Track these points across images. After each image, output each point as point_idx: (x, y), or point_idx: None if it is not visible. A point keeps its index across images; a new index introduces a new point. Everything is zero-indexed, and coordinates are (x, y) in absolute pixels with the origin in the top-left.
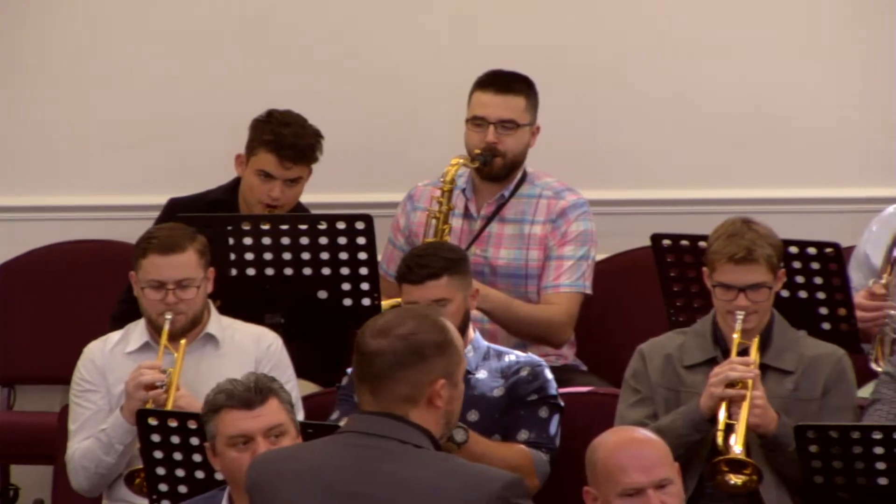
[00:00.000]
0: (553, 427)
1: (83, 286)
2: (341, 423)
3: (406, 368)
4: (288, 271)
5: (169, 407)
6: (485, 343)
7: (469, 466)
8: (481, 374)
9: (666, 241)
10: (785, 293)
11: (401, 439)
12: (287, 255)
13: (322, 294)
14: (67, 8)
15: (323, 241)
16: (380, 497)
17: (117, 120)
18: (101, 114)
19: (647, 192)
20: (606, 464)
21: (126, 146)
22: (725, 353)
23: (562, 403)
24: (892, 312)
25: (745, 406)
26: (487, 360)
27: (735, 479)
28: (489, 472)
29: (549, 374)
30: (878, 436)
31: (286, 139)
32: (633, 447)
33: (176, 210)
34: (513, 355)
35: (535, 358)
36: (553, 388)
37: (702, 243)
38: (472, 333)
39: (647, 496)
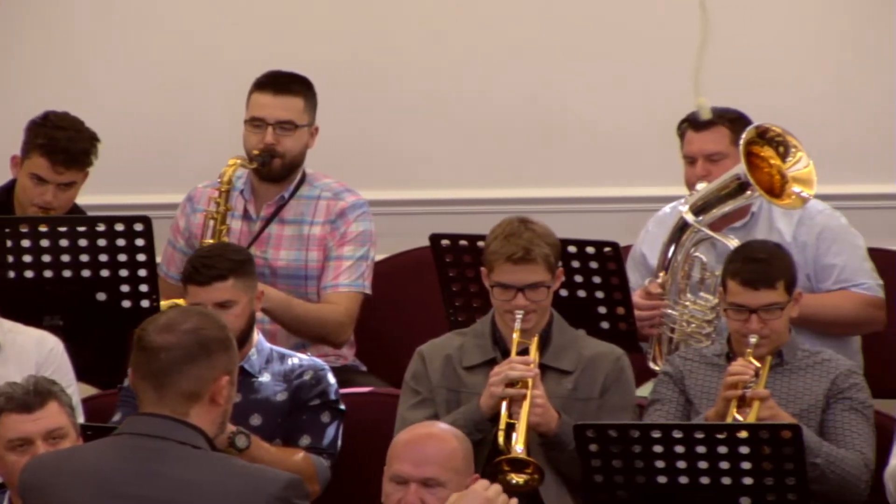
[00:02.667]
0: (334, 432)
1: None
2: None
3: (193, 363)
4: (66, 273)
5: None
6: (268, 345)
7: (249, 467)
8: (264, 378)
9: (444, 241)
10: (564, 292)
11: (179, 440)
12: (65, 257)
13: (101, 296)
14: None
15: (101, 242)
16: (159, 499)
17: None
18: None
19: (425, 193)
20: (392, 448)
21: None
22: (505, 354)
23: (343, 408)
24: (669, 311)
25: (525, 405)
26: (270, 363)
27: (516, 479)
28: (269, 473)
29: (331, 379)
30: (656, 434)
31: (59, 143)
32: (417, 440)
33: None
34: (296, 358)
35: (318, 361)
36: (335, 393)
37: (480, 243)
38: (256, 336)
39: (409, 488)
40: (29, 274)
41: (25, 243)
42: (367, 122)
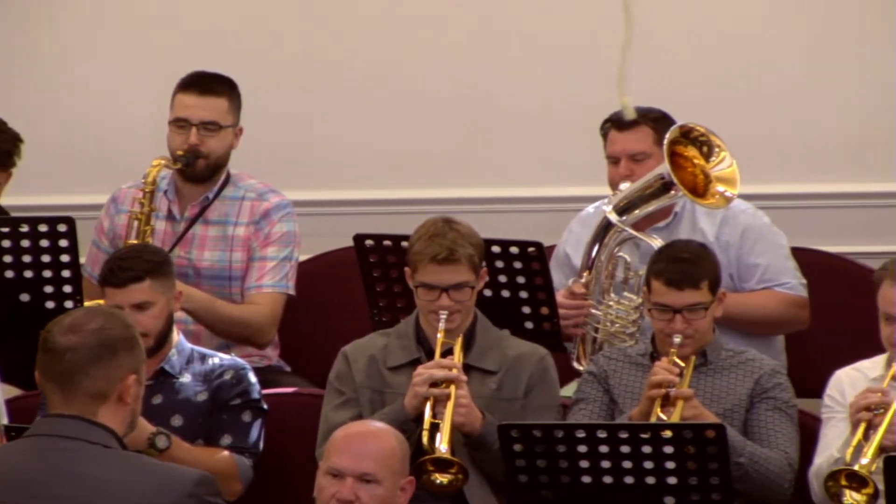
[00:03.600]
0: (256, 431)
1: None
2: None
3: (98, 363)
4: None
5: None
6: (189, 346)
7: (160, 465)
8: (185, 378)
9: (368, 242)
10: (488, 292)
11: (89, 440)
12: None
13: (24, 297)
14: None
15: (25, 243)
16: (74, 497)
17: None
18: None
19: (349, 193)
20: (331, 442)
21: None
22: (429, 354)
23: (265, 407)
24: (593, 311)
25: (449, 405)
26: (191, 363)
27: (441, 479)
28: (180, 471)
29: (252, 378)
30: (581, 434)
31: None
32: (357, 436)
33: None
34: (216, 358)
35: (239, 361)
36: (257, 392)
37: (404, 243)
38: (177, 336)
39: (345, 481)
40: None
41: None
42: (291, 123)
